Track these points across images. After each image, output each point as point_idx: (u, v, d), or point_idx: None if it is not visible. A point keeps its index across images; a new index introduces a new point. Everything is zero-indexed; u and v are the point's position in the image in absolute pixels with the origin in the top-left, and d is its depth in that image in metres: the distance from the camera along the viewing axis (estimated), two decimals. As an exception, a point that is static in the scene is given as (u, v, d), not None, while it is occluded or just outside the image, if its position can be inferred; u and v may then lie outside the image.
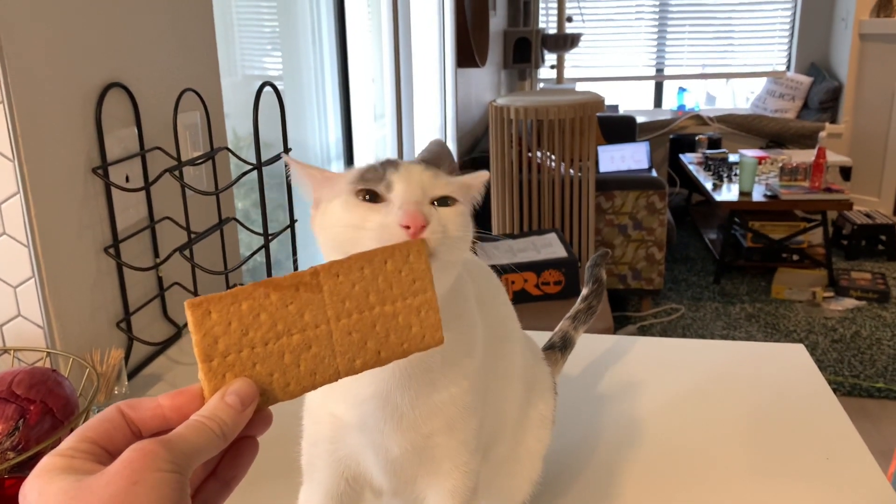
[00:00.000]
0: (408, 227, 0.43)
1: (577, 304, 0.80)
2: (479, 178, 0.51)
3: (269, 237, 0.94)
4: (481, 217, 3.19)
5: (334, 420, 0.52)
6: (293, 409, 0.51)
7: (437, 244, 0.43)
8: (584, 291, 0.80)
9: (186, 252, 0.97)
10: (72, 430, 0.69)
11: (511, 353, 0.61)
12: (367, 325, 0.40)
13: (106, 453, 0.33)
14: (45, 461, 0.32)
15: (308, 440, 0.55)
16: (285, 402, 0.39)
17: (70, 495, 0.30)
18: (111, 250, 0.91)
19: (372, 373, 0.48)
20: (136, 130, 0.96)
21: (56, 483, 0.31)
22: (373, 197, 0.45)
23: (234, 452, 0.38)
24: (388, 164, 0.47)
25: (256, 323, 0.37)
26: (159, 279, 1.03)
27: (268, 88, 0.96)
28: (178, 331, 1.06)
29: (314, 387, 0.39)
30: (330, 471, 0.54)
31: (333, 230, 0.46)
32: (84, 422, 0.71)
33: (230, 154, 1.13)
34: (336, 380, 0.39)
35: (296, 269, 1.02)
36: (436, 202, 0.46)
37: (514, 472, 0.63)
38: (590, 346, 1.03)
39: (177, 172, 0.96)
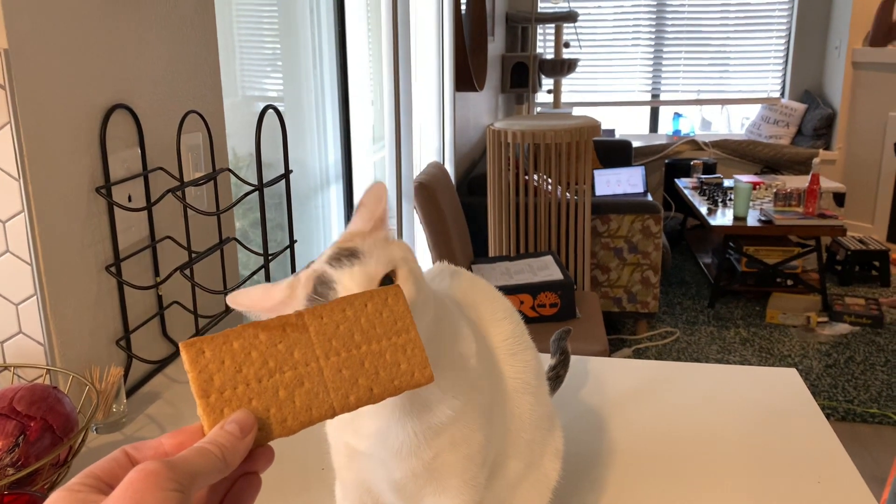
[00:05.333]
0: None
1: (546, 372, 0.82)
2: (379, 199, 0.52)
3: (270, 257, 0.95)
4: (478, 239, 3.21)
5: (347, 448, 0.55)
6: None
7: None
8: (552, 362, 0.84)
9: (187, 271, 0.98)
10: (71, 447, 0.70)
11: (524, 366, 0.61)
12: (355, 362, 0.41)
13: (110, 489, 0.34)
14: (54, 496, 0.33)
15: (333, 454, 0.58)
16: (287, 437, 0.40)
17: None
18: (112, 269, 0.92)
19: (373, 411, 0.50)
20: (140, 151, 0.97)
21: None
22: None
23: (238, 489, 0.39)
24: (322, 286, 0.47)
25: (249, 360, 0.39)
26: (159, 298, 1.04)
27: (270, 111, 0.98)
28: (177, 349, 1.07)
29: (311, 422, 0.40)
30: (353, 485, 0.58)
31: None
32: (83, 439, 0.72)
33: (231, 175, 1.15)
34: (333, 416, 0.41)
35: (295, 289, 1.03)
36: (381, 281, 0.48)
37: (528, 497, 0.64)
38: (585, 368, 1.04)
39: (179, 193, 0.97)
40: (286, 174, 0.99)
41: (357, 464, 0.56)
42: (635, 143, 5.19)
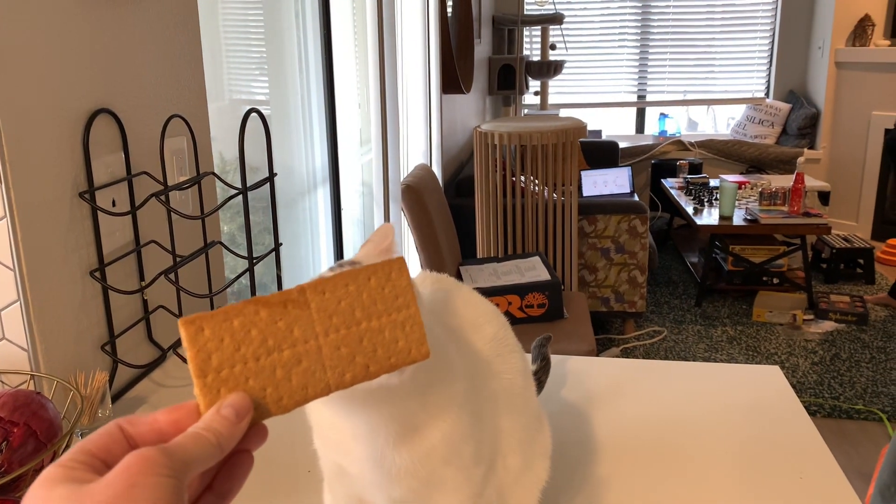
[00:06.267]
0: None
1: None
2: (387, 238, 0.52)
3: (254, 260, 0.95)
4: (466, 240, 3.21)
5: (337, 466, 0.55)
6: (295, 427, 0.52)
7: None
8: (533, 368, 0.85)
9: (172, 275, 0.98)
10: (55, 453, 0.70)
11: (511, 368, 0.62)
12: (354, 339, 0.41)
13: (104, 466, 0.34)
14: (47, 472, 0.33)
15: (322, 467, 0.58)
16: (280, 416, 0.40)
17: (71, 499, 0.32)
18: (97, 274, 0.92)
19: (363, 436, 0.50)
20: (124, 156, 0.97)
21: (58, 490, 0.32)
22: None
23: (230, 466, 0.39)
24: None
25: (248, 339, 0.39)
26: (144, 302, 1.03)
27: (254, 114, 0.98)
28: (163, 354, 1.07)
29: (306, 400, 0.40)
30: (345, 497, 0.58)
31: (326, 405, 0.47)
32: (67, 445, 0.72)
33: (216, 179, 1.15)
34: (328, 393, 0.40)
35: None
36: None
37: (519, 497, 0.64)
38: (573, 368, 1.04)
39: (163, 197, 0.97)
40: (270, 177, 0.99)
41: (348, 481, 0.56)
42: (622, 144, 5.22)
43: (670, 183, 4.69)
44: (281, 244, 1.10)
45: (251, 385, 0.38)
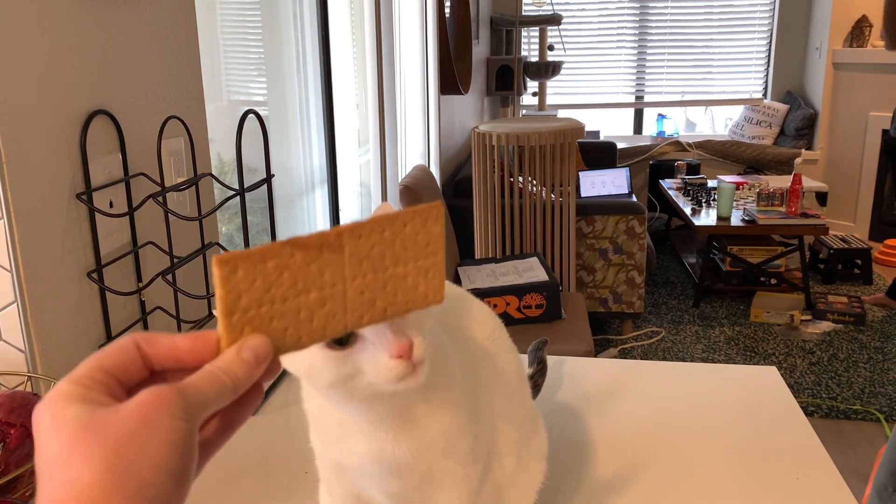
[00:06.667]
0: (401, 356, 0.44)
1: None
2: None
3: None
4: (464, 241, 3.21)
5: (336, 463, 0.54)
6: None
7: (423, 349, 0.45)
8: (529, 371, 0.85)
9: (169, 277, 0.98)
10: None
11: (505, 366, 0.62)
12: (378, 284, 0.41)
13: (118, 385, 0.34)
14: (61, 387, 0.32)
15: (319, 465, 0.58)
16: (276, 414, 0.40)
17: (84, 423, 0.31)
18: (94, 275, 0.92)
19: (364, 432, 0.50)
20: (121, 157, 0.97)
21: (70, 410, 0.31)
22: (342, 340, 0.44)
23: (240, 398, 0.38)
24: None
25: (279, 281, 0.38)
26: (142, 304, 1.03)
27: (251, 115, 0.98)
28: (160, 355, 1.07)
29: (323, 340, 0.40)
30: (342, 495, 0.58)
31: (330, 387, 0.45)
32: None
33: (214, 180, 1.15)
34: (343, 333, 0.41)
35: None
36: None
37: (515, 498, 0.65)
38: (570, 369, 1.04)
39: (160, 198, 0.97)
40: (268, 178, 0.99)
41: (346, 478, 0.56)
42: (620, 145, 5.22)
43: (668, 184, 4.69)
44: (278, 245, 1.09)
45: (274, 325, 0.38)
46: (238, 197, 0.96)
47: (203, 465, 0.36)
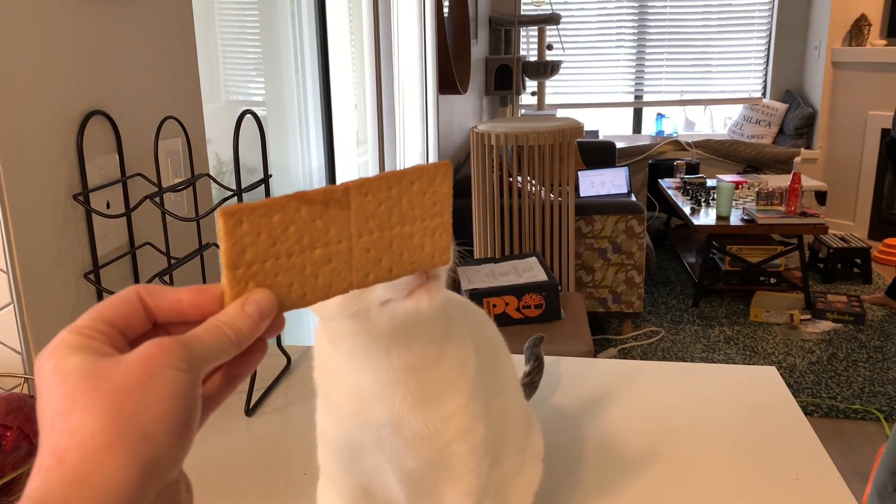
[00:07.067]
0: (412, 292, 0.44)
1: (521, 378, 0.83)
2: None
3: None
4: (463, 241, 3.21)
5: (350, 442, 0.54)
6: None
7: (438, 272, 0.46)
8: (526, 369, 0.84)
9: (166, 278, 0.98)
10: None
11: (504, 368, 0.63)
12: (385, 243, 0.41)
13: (121, 336, 0.34)
14: (63, 336, 0.32)
15: (323, 454, 0.57)
16: (272, 410, 0.40)
17: (85, 374, 0.31)
18: (91, 276, 0.92)
19: (384, 400, 0.50)
20: (118, 157, 0.97)
21: (73, 359, 0.31)
22: None
23: (243, 353, 0.38)
24: None
25: (284, 235, 0.38)
26: (139, 304, 1.03)
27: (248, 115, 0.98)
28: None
29: (328, 297, 0.40)
30: (349, 481, 0.57)
31: (338, 325, 0.47)
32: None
33: (211, 180, 1.14)
34: (347, 291, 0.40)
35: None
36: None
37: (512, 501, 0.64)
38: (570, 369, 1.04)
39: (157, 199, 0.97)
40: (265, 178, 0.99)
41: (360, 464, 0.55)
42: (619, 144, 5.22)
43: (667, 183, 4.69)
44: (276, 246, 1.09)
45: (279, 280, 0.38)
46: (234, 197, 0.95)
47: (206, 418, 0.36)
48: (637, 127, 5.98)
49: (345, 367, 0.51)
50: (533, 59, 5.40)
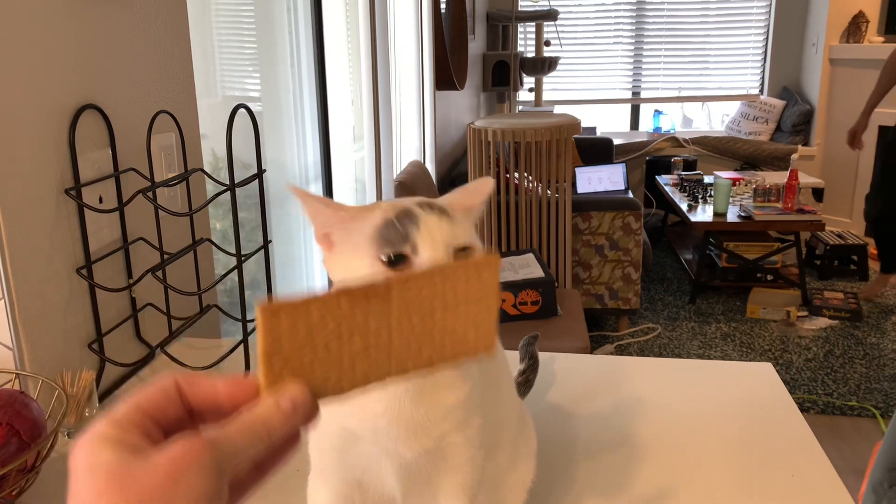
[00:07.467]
0: None
1: (516, 377, 0.83)
2: (481, 194, 0.53)
3: (243, 258, 0.94)
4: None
5: (344, 432, 0.53)
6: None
7: None
8: (521, 367, 0.84)
9: (159, 273, 0.97)
10: (39, 453, 0.69)
11: (499, 363, 0.63)
12: (426, 334, 0.40)
13: (156, 426, 0.35)
14: (100, 427, 0.33)
15: (315, 447, 0.57)
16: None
17: (113, 472, 0.32)
18: (83, 271, 0.91)
19: (385, 390, 0.50)
20: (111, 152, 0.96)
21: (104, 454, 0.32)
22: (398, 258, 0.46)
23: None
24: (405, 218, 0.48)
25: (323, 327, 0.38)
26: (132, 300, 1.02)
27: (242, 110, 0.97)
28: (151, 352, 1.06)
29: (365, 385, 0.39)
30: (341, 474, 0.56)
31: None
32: (52, 444, 0.71)
33: (205, 175, 1.13)
34: (384, 380, 0.40)
35: (269, 289, 1.03)
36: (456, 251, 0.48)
37: (506, 499, 0.64)
38: (567, 365, 1.04)
39: (150, 193, 0.96)
40: (259, 174, 0.98)
41: (353, 456, 0.54)
42: (616, 141, 5.21)
43: (665, 180, 4.69)
44: (270, 241, 1.09)
45: (316, 372, 0.38)
46: (226, 192, 0.94)
47: None
48: (634, 123, 5.98)
49: None
50: (530, 55, 5.39)
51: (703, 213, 3.90)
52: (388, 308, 0.39)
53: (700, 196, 4.17)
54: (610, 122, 6.00)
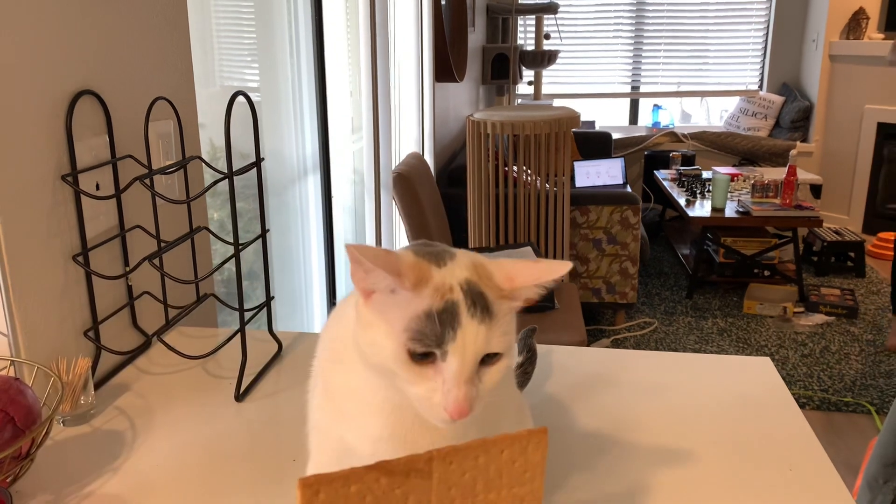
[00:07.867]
0: (452, 418, 0.43)
1: (514, 369, 0.83)
2: (550, 275, 0.48)
3: (240, 247, 0.94)
4: (458, 230, 3.20)
5: (342, 444, 0.52)
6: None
7: (477, 410, 0.44)
8: (519, 359, 0.83)
9: (156, 261, 0.97)
10: (34, 440, 0.68)
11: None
12: None
13: None
14: None
15: (315, 444, 0.56)
16: (262, 407, 0.39)
17: None
18: (80, 258, 0.90)
19: (390, 414, 0.48)
20: (108, 138, 0.95)
21: None
22: (424, 356, 0.45)
23: None
24: (446, 315, 0.45)
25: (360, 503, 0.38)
26: (129, 288, 1.02)
27: (241, 98, 0.96)
28: (148, 340, 1.05)
29: None
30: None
31: (377, 368, 0.46)
32: (47, 431, 0.70)
33: (203, 164, 1.13)
34: None
35: (267, 278, 1.02)
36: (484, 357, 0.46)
37: None
38: (563, 359, 1.03)
39: (148, 181, 0.95)
40: (257, 162, 0.97)
41: (348, 463, 0.54)
42: (615, 135, 5.21)
43: (663, 174, 4.68)
44: (268, 230, 1.08)
45: None
46: (224, 181, 0.94)
47: None
48: (633, 118, 5.97)
49: (370, 384, 0.49)
50: (530, 48, 5.37)
51: (701, 209, 3.90)
52: (428, 485, 0.38)
53: (698, 191, 4.17)
54: (609, 117, 5.99)
